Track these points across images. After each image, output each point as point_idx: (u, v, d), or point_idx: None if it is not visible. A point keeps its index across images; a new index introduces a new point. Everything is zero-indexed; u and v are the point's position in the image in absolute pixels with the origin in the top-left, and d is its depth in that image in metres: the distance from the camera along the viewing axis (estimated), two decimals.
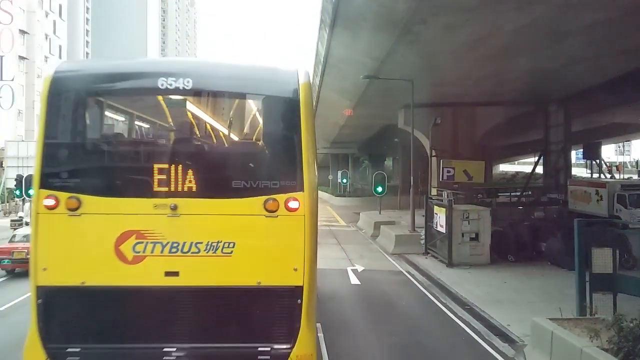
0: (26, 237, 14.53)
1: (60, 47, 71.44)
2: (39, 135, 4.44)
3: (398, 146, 48.11)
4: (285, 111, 4.46)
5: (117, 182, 4.55)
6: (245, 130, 5.11)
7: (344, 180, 47.61)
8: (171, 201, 4.29)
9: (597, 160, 37.56)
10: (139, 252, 4.28)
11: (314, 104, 37.10)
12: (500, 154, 47.93)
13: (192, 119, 4.67)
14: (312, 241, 4.64)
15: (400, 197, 36.43)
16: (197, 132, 4.78)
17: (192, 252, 4.27)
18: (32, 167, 5.75)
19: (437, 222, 17.32)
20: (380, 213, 28.38)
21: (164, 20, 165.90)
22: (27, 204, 24.72)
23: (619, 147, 73.43)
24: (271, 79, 4.72)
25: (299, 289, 4.36)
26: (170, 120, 4.71)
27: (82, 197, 4.30)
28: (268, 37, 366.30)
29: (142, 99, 4.69)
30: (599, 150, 37.50)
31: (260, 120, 4.70)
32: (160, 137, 4.83)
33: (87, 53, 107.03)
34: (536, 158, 52.98)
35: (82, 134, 4.56)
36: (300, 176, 4.42)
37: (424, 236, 18.79)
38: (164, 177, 4.29)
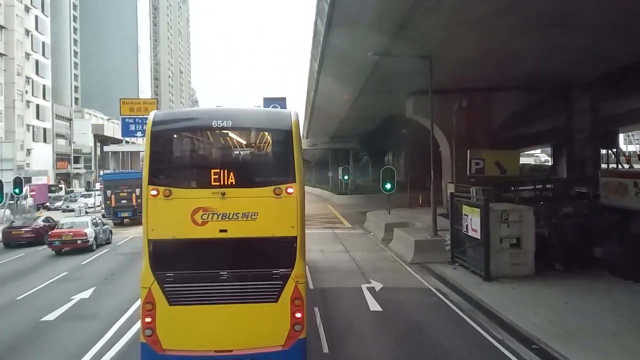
0: (71, 224, 20.48)
1: (43, 44, 68.06)
2: (146, 153, 7.11)
3: (403, 139, 45.15)
4: (285, 137, 7.18)
5: (191, 180, 7.26)
6: (262, 147, 7.73)
7: (346, 177, 44.56)
8: (221, 190, 6.90)
9: (614, 150, 34.56)
10: (204, 219, 6.86)
11: (313, 95, 34.01)
12: (512, 144, 44.91)
13: (231, 142, 7.52)
14: (301, 211, 7.10)
15: (409, 194, 33.36)
16: (234, 150, 7.62)
17: (233, 218, 6.88)
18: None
19: (467, 225, 14.31)
20: (389, 213, 25.38)
21: (155, 18, 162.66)
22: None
23: (628, 136, 70.77)
24: (276, 119, 7.82)
25: (295, 237, 6.95)
26: (220, 143, 7.50)
27: (172, 189, 6.93)
28: (263, 32, 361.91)
29: (204, 132, 7.58)
30: (616, 138, 34.48)
31: (270, 141, 7.53)
32: (214, 154, 7.63)
33: (76, 52, 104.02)
34: (550, 149, 49.97)
35: (171, 152, 7.41)
36: (293, 173, 7.04)
37: (449, 242, 15.79)
38: (217, 176, 6.96)
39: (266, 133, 7.49)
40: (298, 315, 6.79)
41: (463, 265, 14.80)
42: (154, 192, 6.89)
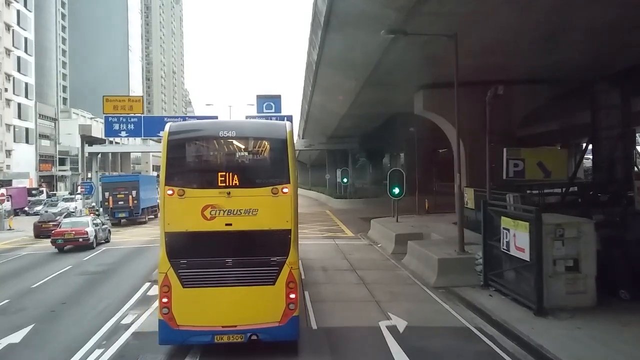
0: (73, 223, 21.98)
1: (26, 40, 64.81)
2: (162, 159, 8.16)
3: (405, 139, 42.32)
4: (280, 145, 8.35)
5: (201, 181, 8.24)
6: (261, 153, 8.80)
7: (345, 180, 41.59)
8: (227, 190, 7.97)
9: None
10: (212, 215, 7.92)
11: (310, 90, 31.08)
12: (530, 144, 42.14)
13: (235, 149, 8.65)
14: (295, 208, 8.25)
15: (412, 198, 30.33)
16: (237, 156, 8.69)
17: (237, 214, 7.93)
18: None
19: (507, 242, 11.41)
20: (397, 221, 22.47)
21: (147, 17, 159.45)
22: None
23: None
24: (273, 129, 9.07)
25: (289, 230, 8.03)
26: (225, 150, 8.60)
27: (185, 189, 7.99)
28: (258, 29, 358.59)
29: (212, 141, 8.65)
30: (633, 139, 31.80)
31: (268, 148, 8.64)
32: (220, 159, 8.63)
33: (64, 51, 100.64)
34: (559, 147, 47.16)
35: (184, 158, 8.46)
36: (288, 176, 8.12)
37: (480, 261, 12.88)
38: (223, 178, 8.03)
39: (265, 141, 8.65)
40: (292, 296, 7.93)
41: (501, 291, 11.90)
42: (170, 192, 7.99)
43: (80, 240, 20.91)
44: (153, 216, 35.70)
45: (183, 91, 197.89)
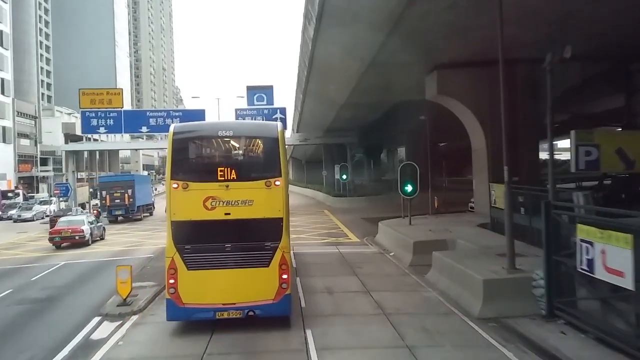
0: (68, 222, 22.83)
1: (1, 32, 60.92)
2: (168, 156, 9.18)
3: (408, 132, 39.12)
4: (273, 143, 9.34)
5: (202, 176, 9.13)
6: (255, 150, 9.91)
7: (344, 177, 38.26)
8: (225, 183, 8.91)
9: None
10: (213, 205, 8.85)
11: (306, 75, 27.69)
12: (558, 131, 38.81)
13: (232, 147, 9.68)
14: (286, 198, 9.22)
15: (424, 195, 26.91)
16: (235, 152, 9.73)
17: (235, 204, 8.87)
18: None
19: (590, 260, 8.13)
20: (410, 223, 19.19)
21: (135, 13, 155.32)
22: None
23: None
24: (266, 129, 10.22)
25: (281, 218, 9.01)
26: (223, 148, 9.71)
27: (189, 182, 8.91)
28: (250, 22, 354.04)
29: (212, 140, 9.79)
30: None
31: (262, 146, 9.71)
32: (219, 155, 9.77)
33: (48, 47, 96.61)
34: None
35: (187, 155, 9.37)
36: (279, 170, 9.08)
37: (541, 282, 9.61)
38: (222, 173, 8.94)
39: (258, 140, 9.81)
40: (284, 276, 8.98)
41: (573, 325, 8.66)
42: (175, 185, 8.97)
43: (77, 237, 21.75)
44: (148, 214, 38.11)
45: (174, 88, 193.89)
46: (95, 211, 33.50)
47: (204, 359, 7.98)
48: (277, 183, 8.98)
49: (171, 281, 8.76)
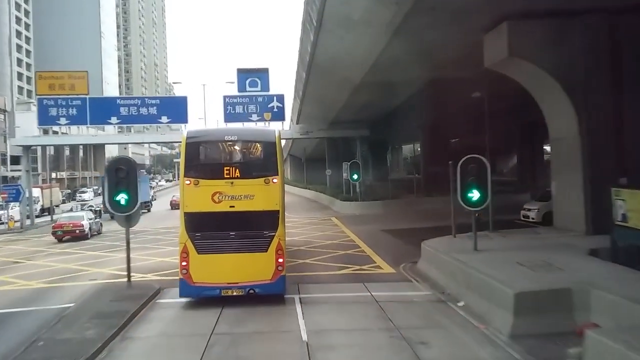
0: (69, 217, 26.50)
1: None
2: (181, 157, 11.24)
3: (422, 126, 32.64)
4: (271, 146, 11.12)
5: (211, 174, 10.83)
6: (256, 152, 11.62)
7: (355, 176, 31.64)
8: (230, 180, 10.67)
9: None
10: (219, 199, 10.60)
11: (312, 36, 20.93)
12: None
13: (236, 149, 11.60)
14: (282, 194, 11.15)
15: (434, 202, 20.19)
16: (238, 154, 11.63)
17: (238, 198, 10.62)
18: None
19: None
20: (476, 249, 12.62)
21: (125, 5, 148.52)
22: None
23: None
24: (265, 134, 11.90)
25: (277, 211, 10.75)
26: (229, 150, 11.58)
27: (199, 180, 10.70)
28: (245, 22, 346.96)
29: (219, 143, 11.64)
30: None
31: (261, 149, 11.41)
32: (225, 157, 11.54)
33: (28, 37, 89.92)
34: None
35: (198, 156, 11.32)
36: (276, 170, 10.84)
37: None
38: (227, 171, 10.73)
39: (259, 144, 11.56)
40: (280, 260, 10.71)
41: None
42: (188, 182, 10.76)
43: (77, 231, 24.47)
44: (146, 210, 37.11)
45: (167, 85, 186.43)
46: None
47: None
48: (275, 180, 10.85)
49: (184, 263, 10.68)
